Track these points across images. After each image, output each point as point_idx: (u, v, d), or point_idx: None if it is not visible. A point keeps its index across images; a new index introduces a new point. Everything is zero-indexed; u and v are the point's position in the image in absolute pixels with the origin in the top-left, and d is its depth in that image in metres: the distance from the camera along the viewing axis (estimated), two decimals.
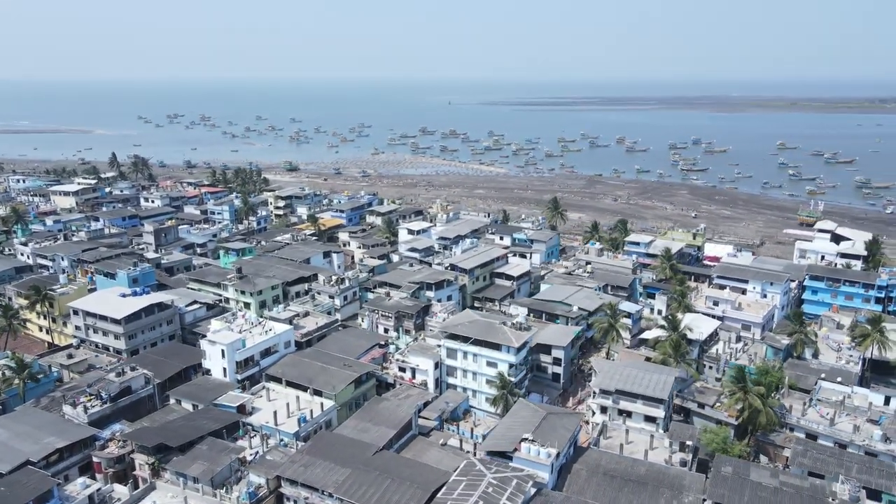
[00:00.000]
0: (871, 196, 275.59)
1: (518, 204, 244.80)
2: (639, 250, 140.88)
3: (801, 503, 60.13)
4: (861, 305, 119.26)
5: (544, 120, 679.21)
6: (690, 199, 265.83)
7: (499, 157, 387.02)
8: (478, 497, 59.24)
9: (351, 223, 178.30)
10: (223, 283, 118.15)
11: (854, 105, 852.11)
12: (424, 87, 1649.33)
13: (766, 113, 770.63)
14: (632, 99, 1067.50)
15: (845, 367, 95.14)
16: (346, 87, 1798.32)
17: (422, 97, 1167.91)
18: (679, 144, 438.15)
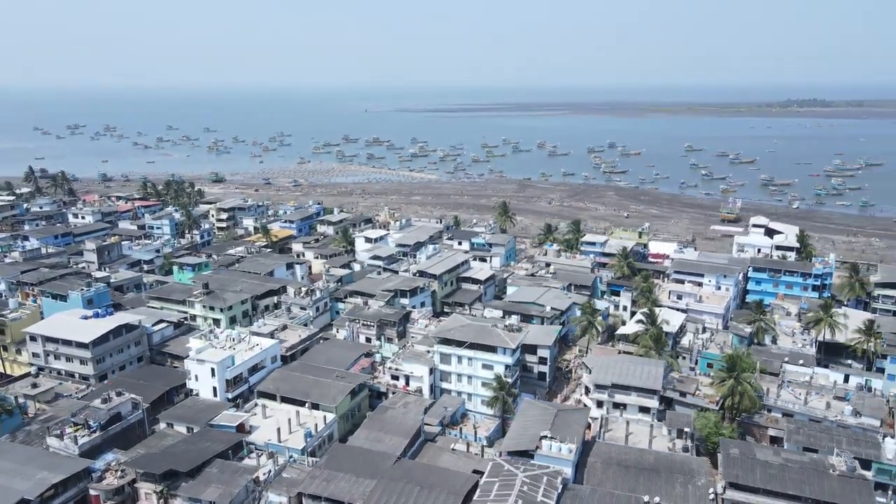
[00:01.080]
0: (776, 193, 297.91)
1: (457, 209, 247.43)
2: (595, 250, 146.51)
3: (806, 476, 65.16)
4: (800, 293, 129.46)
5: (462, 126, 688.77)
6: (619, 200, 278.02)
7: (427, 164, 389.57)
8: (516, 496, 60.46)
9: (301, 233, 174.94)
10: (189, 300, 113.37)
11: (744, 109, 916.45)
12: (339, 95, 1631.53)
13: (668, 117, 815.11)
14: (544, 105, 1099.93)
15: (803, 350, 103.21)
16: (259, 94, 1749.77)
17: (338, 105, 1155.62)
18: (597, 148, 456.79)
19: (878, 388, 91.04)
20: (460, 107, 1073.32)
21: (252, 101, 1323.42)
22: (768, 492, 64.56)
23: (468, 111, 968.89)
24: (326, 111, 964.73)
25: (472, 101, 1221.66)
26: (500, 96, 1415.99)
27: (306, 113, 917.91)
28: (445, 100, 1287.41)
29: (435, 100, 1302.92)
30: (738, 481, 65.67)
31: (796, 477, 65.23)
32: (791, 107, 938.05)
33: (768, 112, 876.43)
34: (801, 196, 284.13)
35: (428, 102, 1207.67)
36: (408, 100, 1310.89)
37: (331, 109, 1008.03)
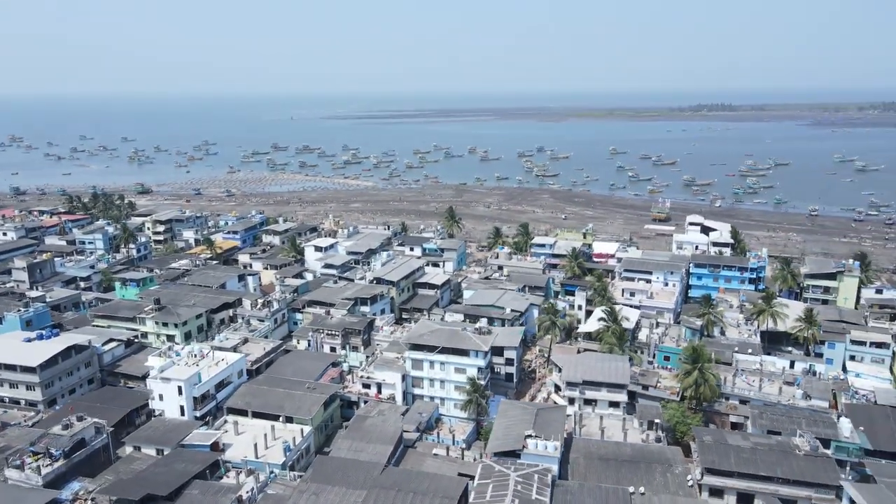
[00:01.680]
0: (699, 193, 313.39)
1: (398, 216, 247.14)
2: (545, 251, 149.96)
3: (775, 458, 69.33)
4: (738, 286, 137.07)
5: (390, 132, 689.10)
6: (554, 202, 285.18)
7: (361, 171, 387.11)
8: (512, 496, 61.38)
9: (245, 244, 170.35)
10: (140, 317, 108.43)
11: (659, 114, 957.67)
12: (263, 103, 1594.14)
13: (589, 122, 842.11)
14: (468, 111, 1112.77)
15: (749, 340, 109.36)
16: (179, 102, 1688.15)
17: (262, 112, 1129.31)
18: (526, 153, 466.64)
19: (821, 371, 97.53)
20: (386, 113, 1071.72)
21: (172, 110, 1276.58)
22: (742, 474, 68.33)
23: (394, 118, 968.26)
24: (251, 119, 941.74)
25: (398, 108, 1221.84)
26: (424, 103, 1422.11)
27: (231, 121, 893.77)
28: (371, 107, 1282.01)
29: (361, 107, 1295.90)
30: (714, 466, 69.11)
31: (766, 459, 69.29)
32: (701, 111, 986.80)
33: (681, 116, 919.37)
34: (722, 195, 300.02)
35: (354, 109, 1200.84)
36: (334, 107, 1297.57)
37: (256, 117, 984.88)
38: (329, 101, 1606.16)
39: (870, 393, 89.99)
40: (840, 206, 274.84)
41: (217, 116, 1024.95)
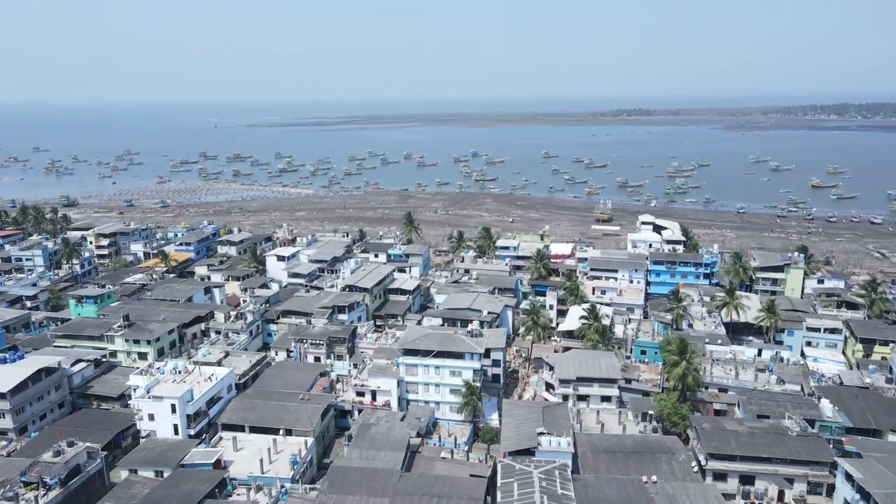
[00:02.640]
0: (633, 193, 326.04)
1: (345, 223, 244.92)
2: (509, 254, 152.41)
3: (771, 440, 73.52)
4: (694, 281, 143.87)
5: (321, 140, 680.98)
6: (498, 206, 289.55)
7: (298, 179, 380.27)
8: (540, 491, 62.44)
9: (199, 256, 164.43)
10: (108, 335, 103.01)
11: (580, 118, 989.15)
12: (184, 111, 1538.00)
13: (513, 127, 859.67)
14: (397, 117, 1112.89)
15: (716, 331, 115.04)
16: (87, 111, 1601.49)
17: (185, 121, 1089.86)
18: (462, 158, 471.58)
19: (787, 358, 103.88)
20: (314, 121, 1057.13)
21: (84, 119, 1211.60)
22: (744, 457, 72.10)
23: (324, 125, 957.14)
24: (174, 128, 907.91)
25: (325, 115, 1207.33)
26: (352, 110, 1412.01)
27: (149, 130, 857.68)
28: (298, 114, 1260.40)
29: (287, 114, 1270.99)
30: (717, 451, 72.58)
31: (763, 441, 73.39)
32: (621, 115, 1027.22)
33: (602, 121, 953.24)
34: (655, 195, 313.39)
35: (280, 117, 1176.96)
36: (258, 115, 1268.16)
37: (178, 126, 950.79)
38: (254, 109, 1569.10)
39: (835, 375, 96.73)
40: (763, 203, 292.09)
41: (133, 125, 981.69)
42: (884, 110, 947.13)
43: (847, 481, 66.74)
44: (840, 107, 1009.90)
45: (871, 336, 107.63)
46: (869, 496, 62.43)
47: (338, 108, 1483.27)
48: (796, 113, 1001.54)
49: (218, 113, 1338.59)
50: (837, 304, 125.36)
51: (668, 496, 66.36)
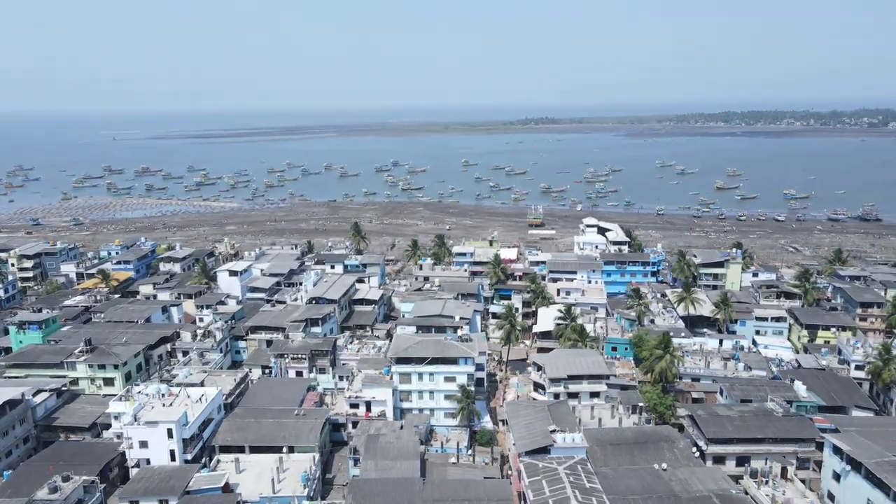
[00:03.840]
0: (557, 198, 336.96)
1: (279, 235, 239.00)
2: (466, 260, 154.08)
3: (761, 422, 78.77)
4: (642, 279, 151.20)
5: (233, 151, 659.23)
6: (431, 214, 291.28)
7: (218, 192, 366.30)
8: (570, 487, 64.04)
9: (139, 274, 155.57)
10: (68, 362, 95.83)
11: (491, 127, 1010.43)
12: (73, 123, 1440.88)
13: (428, 136, 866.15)
14: (309, 128, 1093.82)
15: (677, 325, 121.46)
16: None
17: (77, 134, 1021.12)
18: (383, 167, 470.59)
19: (746, 346, 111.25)
20: (221, 132, 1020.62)
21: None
22: (740, 440, 76.86)
23: (231, 136, 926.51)
24: (65, 142, 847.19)
25: (232, 127, 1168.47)
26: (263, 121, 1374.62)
27: (40, 144, 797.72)
28: (201, 126, 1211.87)
29: (190, 126, 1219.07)
30: (716, 436, 76.98)
31: (754, 423, 78.56)
32: (529, 124, 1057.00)
33: (512, 129, 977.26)
34: (579, 200, 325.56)
35: (183, 129, 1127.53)
36: (159, 126, 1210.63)
37: (70, 139, 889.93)
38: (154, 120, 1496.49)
39: (792, 360, 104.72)
40: (677, 205, 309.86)
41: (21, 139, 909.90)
42: (763, 118, 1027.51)
43: (835, 454, 72.59)
44: (725, 115, 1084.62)
45: (814, 322, 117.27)
46: (860, 466, 68.26)
47: (246, 120, 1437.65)
48: (688, 121, 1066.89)
49: (110, 125, 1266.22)
50: (777, 294, 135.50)
51: (680, 481, 69.77)
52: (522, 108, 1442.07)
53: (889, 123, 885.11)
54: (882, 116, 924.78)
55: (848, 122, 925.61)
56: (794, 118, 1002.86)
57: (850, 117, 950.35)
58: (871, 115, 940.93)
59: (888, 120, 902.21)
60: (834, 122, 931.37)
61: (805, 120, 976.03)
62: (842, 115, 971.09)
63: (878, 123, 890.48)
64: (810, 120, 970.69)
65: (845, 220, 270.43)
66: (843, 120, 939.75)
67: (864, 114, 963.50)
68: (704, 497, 66.47)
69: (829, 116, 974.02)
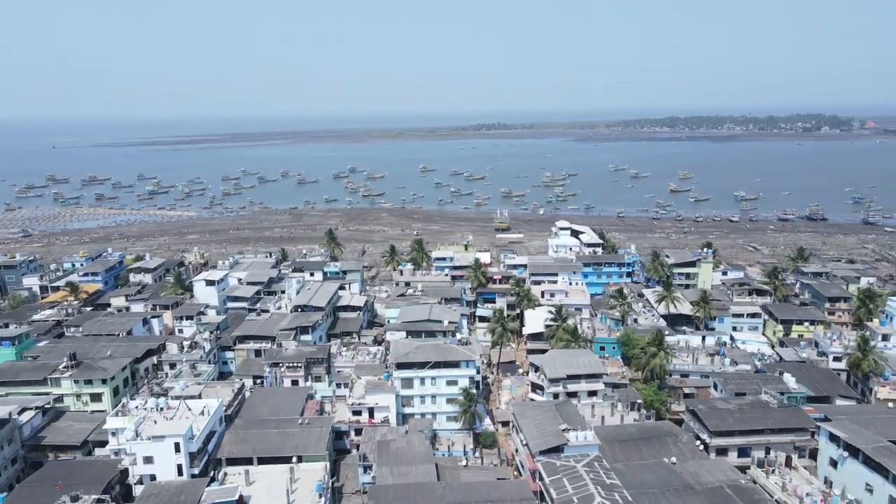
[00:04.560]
0: (519, 203, 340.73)
1: (244, 244, 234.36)
2: (447, 264, 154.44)
3: (759, 413, 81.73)
4: (618, 280, 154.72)
5: (184, 159, 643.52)
6: (396, 220, 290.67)
7: (174, 201, 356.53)
8: (592, 483, 65.14)
9: (108, 286, 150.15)
10: (52, 378, 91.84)
11: (445, 133, 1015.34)
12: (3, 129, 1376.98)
13: (385, 142, 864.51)
14: (262, 135, 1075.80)
15: (658, 324, 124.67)
16: None
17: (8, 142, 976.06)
18: (342, 174, 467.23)
19: (727, 341, 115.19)
20: (167, 140, 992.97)
21: None
22: (741, 431, 79.58)
23: (178, 144, 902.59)
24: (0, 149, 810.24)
25: (176, 134, 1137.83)
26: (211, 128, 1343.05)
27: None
28: (144, 133, 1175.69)
29: (131, 133, 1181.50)
30: (718, 429, 79.49)
31: (753, 415, 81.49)
32: (481, 129, 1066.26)
33: (466, 135, 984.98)
34: (540, 204, 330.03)
35: (124, 136, 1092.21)
36: (100, 134, 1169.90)
37: (4, 147, 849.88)
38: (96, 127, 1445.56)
39: (773, 354, 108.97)
40: (636, 207, 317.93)
41: None
42: (706, 123, 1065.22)
43: (831, 442, 76.02)
44: (670, 120, 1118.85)
45: (789, 317, 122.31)
46: (857, 452, 71.68)
47: (193, 127, 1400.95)
48: (634, 126, 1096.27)
49: (47, 132, 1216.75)
50: (748, 292, 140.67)
51: (691, 474, 71.82)
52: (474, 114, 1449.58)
53: (821, 128, 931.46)
54: (814, 121, 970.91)
55: (784, 126, 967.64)
56: (734, 123, 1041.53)
57: (786, 122, 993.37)
58: (804, 121, 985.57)
59: (820, 125, 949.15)
60: (771, 127, 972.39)
61: (744, 125, 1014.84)
62: (778, 120, 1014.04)
63: (811, 128, 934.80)
64: (749, 125, 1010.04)
65: (794, 220, 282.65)
66: (780, 125, 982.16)
67: (797, 119, 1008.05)
68: (717, 488, 68.63)
69: (766, 121, 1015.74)
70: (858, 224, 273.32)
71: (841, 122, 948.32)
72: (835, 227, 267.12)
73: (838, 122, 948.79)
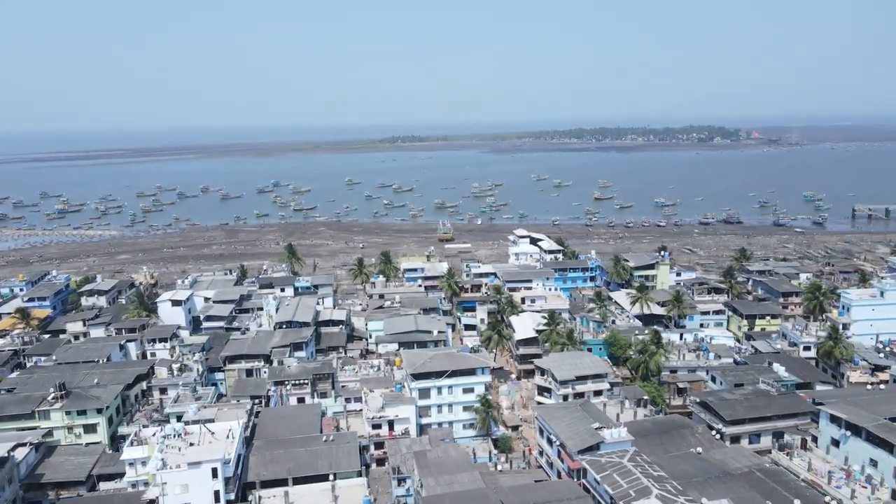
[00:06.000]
0: (454, 214, 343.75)
1: (183, 262, 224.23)
2: (417, 275, 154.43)
3: (764, 402, 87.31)
4: (583, 284, 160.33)
5: (85, 175, 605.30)
6: (338, 234, 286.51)
7: (89, 220, 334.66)
8: (644, 476, 67.60)
9: (56, 311, 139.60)
10: (40, 410, 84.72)
11: (361, 146, 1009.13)
12: None
13: (303, 155, 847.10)
14: (167, 149, 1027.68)
15: (634, 323, 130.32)
16: None
17: None
18: (265, 189, 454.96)
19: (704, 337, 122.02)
20: (61, 155, 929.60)
21: None
22: (752, 419, 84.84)
23: (77, 159, 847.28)
24: None
25: (71, 149, 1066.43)
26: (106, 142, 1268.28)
27: None
28: (32, 149, 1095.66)
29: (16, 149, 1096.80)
30: (733, 417, 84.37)
31: (760, 403, 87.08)
32: (396, 142, 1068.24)
33: (381, 147, 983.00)
34: (475, 214, 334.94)
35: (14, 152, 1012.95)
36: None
37: None
38: None
39: (748, 346, 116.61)
40: (567, 215, 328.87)
41: None
42: (610, 134, 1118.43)
43: (832, 423, 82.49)
44: (577, 131, 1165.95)
45: (752, 312, 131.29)
46: (859, 430, 78.19)
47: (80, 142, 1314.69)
48: (544, 137, 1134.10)
49: None
50: (707, 290, 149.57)
51: (719, 461, 76.03)
52: (385, 127, 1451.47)
53: (714, 138, 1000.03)
54: (707, 133, 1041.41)
55: (681, 137, 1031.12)
56: (636, 134, 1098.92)
57: (682, 133, 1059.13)
58: (697, 132, 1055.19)
59: (713, 135, 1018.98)
60: (669, 138, 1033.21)
61: (645, 136, 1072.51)
62: (675, 131, 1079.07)
63: (705, 138, 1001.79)
64: (650, 136, 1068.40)
65: (714, 223, 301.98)
66: (677, 136, 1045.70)
67: (692, 130, 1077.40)
68: (748, 472, 73.02)
69: (664, 132, 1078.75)
70: (770, 226, 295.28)
71: (730, 133, 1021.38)
72: (751, 229, 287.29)
73: (728, 133, 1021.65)
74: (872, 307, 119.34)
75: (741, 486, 69.37)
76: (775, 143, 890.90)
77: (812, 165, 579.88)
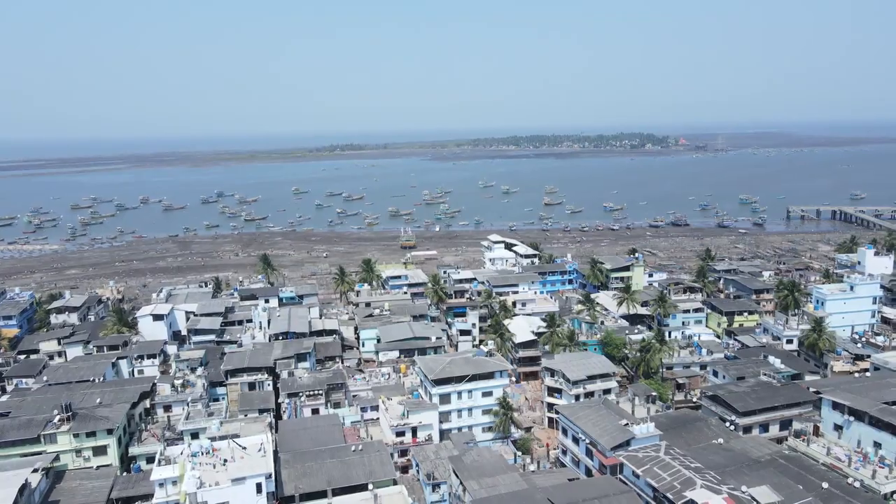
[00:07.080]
0: (409, 221, 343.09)
1: (141, 275, 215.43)
2: (402, 283, 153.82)
3: (770, 392, 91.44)
4: (561, 287, 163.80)
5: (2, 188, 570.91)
6: (296, 243, 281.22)
7: (23, 234, 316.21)
8: (684, 468, 69.89)
9: (23, 330, 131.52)
10: (46, 434, 79.80)
11: (298, 155, 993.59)
12: None
13: (239, 165, 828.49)
14: (95, 159, 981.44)
15: (619, 323, 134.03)
16: None
17: None
18: (209, 199, 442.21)
19: (691, 335, 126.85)
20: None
21: None
22: (762, 409, 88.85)
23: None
24: None
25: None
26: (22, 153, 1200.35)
27: None
28: None
29: None
30: (745, 409, 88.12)
31: (766, 394, 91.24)
32: (335, 150, 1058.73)
33: (321, 156, 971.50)
34: (432, 221, 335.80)
35: None
36: None
37: None
38: None
39: (734, 342, 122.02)
40: (521, 220, 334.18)
41: None
42: (547, 141, 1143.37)
43: (834, 409, 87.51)
44: (514, 139, 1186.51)
45: (731, 309, 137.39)
46: (862, 415, 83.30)
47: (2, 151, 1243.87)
48: (483, 144, 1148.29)
49: None
50: (682, 290, 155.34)
51: (742, 451, 79.34)
52: (321, 136, 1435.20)
53: (645, 145, 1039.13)
54: (638, 139, 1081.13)
55: (614, 144, 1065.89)
56: (571, 141, 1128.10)
57: (614, 140, 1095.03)
58: (629, 139, 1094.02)
59: (644, 142, 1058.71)
60: (603, 145, 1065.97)
61: (580, 143, 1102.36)
62: (607, 138, 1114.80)
63: (637, 145, 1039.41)
64: (584, 143, 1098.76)
65: (663, 226, 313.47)
66: (610, 143, 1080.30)
67: (623, 137, 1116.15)
68: (771, 459, 76.59)
69: (598, 139, 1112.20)
70: (714, 227, 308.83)
71: (659, 140, 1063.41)
72: (699, 230, 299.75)
73: (657, 140, 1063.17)
74: (844, 301, 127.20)
75: (771, 473, 72.64)
76: (702, 150, 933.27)
77: (739, 169, 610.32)
